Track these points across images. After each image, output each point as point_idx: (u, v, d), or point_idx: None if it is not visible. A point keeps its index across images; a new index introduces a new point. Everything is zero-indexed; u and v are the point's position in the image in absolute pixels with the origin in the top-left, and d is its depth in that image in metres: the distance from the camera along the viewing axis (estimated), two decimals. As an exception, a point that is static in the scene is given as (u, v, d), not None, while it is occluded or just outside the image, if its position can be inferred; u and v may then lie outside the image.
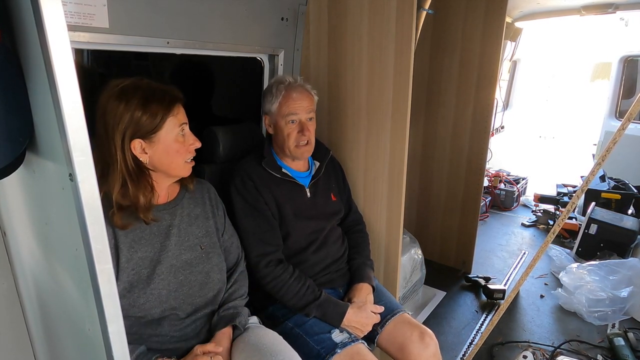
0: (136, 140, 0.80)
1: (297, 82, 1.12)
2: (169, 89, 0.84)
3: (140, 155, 0.81)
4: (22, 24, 0.56)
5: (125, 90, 0.79)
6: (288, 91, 1.10)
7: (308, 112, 1.11)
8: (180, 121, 0.83)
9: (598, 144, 3.46)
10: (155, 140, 0.81)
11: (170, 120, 0.81)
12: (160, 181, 0.87)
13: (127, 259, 0.80)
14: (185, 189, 0.94)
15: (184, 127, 0.85)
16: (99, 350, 0.63)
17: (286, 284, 1.04)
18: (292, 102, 1.09)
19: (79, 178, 0.54)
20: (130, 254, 0.81)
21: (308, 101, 1.11)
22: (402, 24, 1.15)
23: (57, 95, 0.51)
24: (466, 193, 2.22)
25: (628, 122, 1.08)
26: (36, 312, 0.93)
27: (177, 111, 0.83)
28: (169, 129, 0.82)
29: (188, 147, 0.86)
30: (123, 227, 0.80)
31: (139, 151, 0.81)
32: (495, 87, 2.05)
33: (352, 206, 1.32)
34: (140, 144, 0.80)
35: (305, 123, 1.10)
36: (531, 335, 1.79)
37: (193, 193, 0.95)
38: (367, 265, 1.21)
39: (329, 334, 1.00)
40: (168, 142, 0.82)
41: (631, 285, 1.90)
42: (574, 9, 2.46)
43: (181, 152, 0.85)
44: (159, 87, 0.82)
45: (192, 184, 0.94)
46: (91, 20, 0.88)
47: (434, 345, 1.07)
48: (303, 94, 1.11)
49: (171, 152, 0.83)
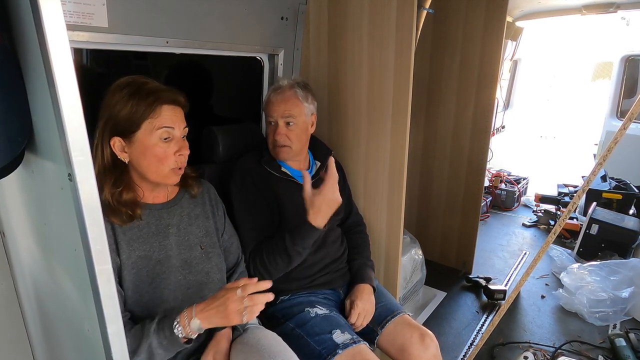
0: (116, 137, 0.77)
1: (286, 85, 1.12)
2: (163, 89, 0.79)
3: (119, 154, 0.78)
4: (21, 23, 0.56)
5: (118, 86, 0.78)
6: (271, 93, 1.14)
7: (284, 117, 1.10)
8: (162, 124, 0.77)
9: (599, 143, 3.46)
10: (134, 141, 0.77)
11: (149, 122, 0.77)
12: (142, 181, 0.84)
13: (127, 256, 0.80)
14: (185, 189, 0.93)
15: (169, 131, 0.79)
16: (98, 351, 0.63)
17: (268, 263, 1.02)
18: (270, 105, 1.12)
19: (78, 178, 0.54)
20: (130, 252, 0.80)
21: (288, 105, 1.10)
22: (403, 23, 1.15)
23: (56, 95, 0.51)
24: (467, 193, 2.22)
25: (629, 122, 1.08)
26: (35, 312, 0.93)
27: (160, 114, 0.77)
28: (147, 131, 0.77)
29: (172, 154, 0.80)
30: (122, 223, 0.79)
31: (119, 149, 0.78)
32: (496, 86, 2.05)
33: (352, 208, 1.32)
34: (120, 142, 0.78)
35: (281, 127, 1.10)
36: (532, 336, 1.78)
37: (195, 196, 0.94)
38: (367, 265, 1.21)
39: (330, 335, 0.99)
40: (147, 145, 0.77)
41: (632, 285, 1.90)
42: (575, 8, 2.45)
43: (162, 159, 0.79)
44: (151, 87, 0.78)
45: (195, 188, 0.92)
46: (90, 20, 0.88)
47: (434, 346, 1.07)
48: (284, 97, 1.10)
49: (149, 156, 0.78)
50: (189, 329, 0.73)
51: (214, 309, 0.73)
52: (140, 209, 0.82)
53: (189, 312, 0.73)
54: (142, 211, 0.83)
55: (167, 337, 0.73)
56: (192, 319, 0.73)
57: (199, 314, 0.73)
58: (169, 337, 0.73)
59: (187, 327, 0.73)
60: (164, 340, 0.73)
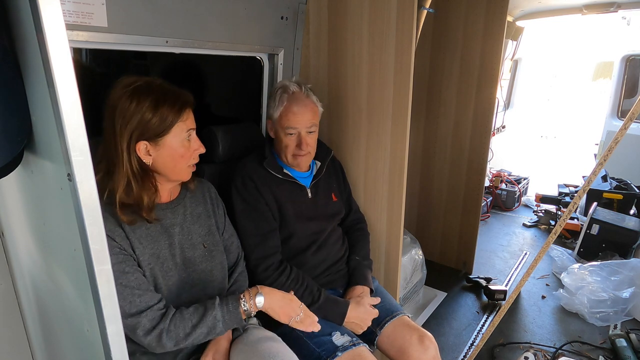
0: (141, 142, 0.79)
1: (302, 92, 1.08)
2: (181, 93, 0.83)
3: (144, 157, 0.81)
4: (20, 23, 0.56)
5: (138, 90, 0.78)
6: (290, 103, 1.07)
7: (308, 127, 1.08)
8: (188, 126, 0.83)
9: (600, 143, 3.45)
10: (161, 144, 0.81)
11: (179, 125, 0.81)
12: (162, 182, 0.87)
13: (141, 252, 0.81)
14: (186, 188, 0.94)
15: (191, 132, 0.85)
16: (98, 351, 0.63)
17: (283, 287, 1.03)
18: (293, 116, 1.06)
19: (78, 178, 0.54)
20: (142, 249, 0.82)
21: (310, 114, 1.08)
22: (403, 22, 1.14)
23: (56, 94, 0.51)
24: (467, 193, 2.21)
25: (630, 122, 1.08)
26: (34, 313, 0.93)
27: (187, 116, 0.83)
28: (176, 133, 0.81)
29: (192, 153, 0.86)
30: (130, 223, 0.80)
31: (143, 153, 0.80)
32: (496, 86, 2.04)
33: (352, 206, 1.32)
34: (146, 146, 0.80)
35: (305, 137, 1.08)
36: (532, 337, 1.78)
37: (194, 192, 0.95)
38: (363, 265, 1.21)
39: (330, 337, 0.99)
40: (174, 147, 0.82)
41: (633, 286, 1.89)
42: (576, 7, 2.45)
43: (185, 157, 0.84)
44: (172, 90, 0.82)
45: (192, 183, 0.94)
46: (90, 19, 0.88)
47: (433, 348, 1.06)
48: (306, 107, 1.07)
49: (175, 156, 0.83)
50: (252, 302, 0.84)
51: (281, 295, 0.88)
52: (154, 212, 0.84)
53: (255, 289, 0.87)
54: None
55: (230, 310, 0.83)
56: (257, 293, 0.85)
57: (265, 294, 0.86)
58: (232, 310, 0.83)
59: (250, 300, 0.84)
60: (226, 313, 0.82)
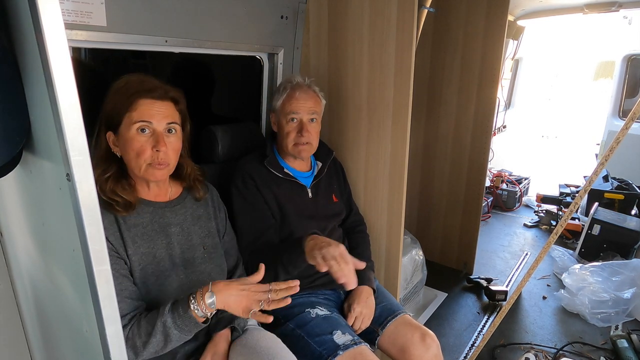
0: (110, 132, 0.81)
1: (304, 82, 1.12)
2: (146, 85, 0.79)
3: (113, 148, 0.82)
4: (19, 22, 0.56)
5: (117, 82, 0.81)
6: (293, 90, 1.11)
7: (310, 113, 1.10)
8: (139, 117, 0.78)
9: (601, 143, 3.44)
10: (119, 135, 0.80)
11: (128, 115, 0.78)
12: (135, 179, 0.85)
13: (133, 251, 0.80)
14: (188, 190, 0.93)
15: (144, 125, 0.78)
16: (97, 352, 0.62)
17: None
18: (295, 101, 1.09)
19: (76, 178, 0.54)
20: (135, 249, 0.81)
21: (312, 102, 1.11)
22: (403, 22, 1.14)
23: (54, 94, 0.51)
24: (468, 193, 2.21)
25: (632, 122, 1.07)
26: (33, 313, 0.93)
27: (136, 107, 0.78)
28: (126, 124, 0.79)
29: (149, 149, 0.79)
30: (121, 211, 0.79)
31: (112, 142, 0.82)
32: (497, 86, 2.04)
33: (352, 207, 1.31)
34: (112, 136, 0.82)
35: (306, 124, 1.10)
36: (533, 337, 1.77)
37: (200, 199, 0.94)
38: (367, 267, 1.20)
39: (331, 336, 0.99)
40: (127, 139, 0.79)
41: (634, 286, 1.89)
42: (577, 7, 2.44)
43: (140, 153, 0.79)
44: (136, 81, 0.81)
45: (200, 192, 0.93)
46: (89, 19, 0.88)
47: (435, 346, 1.06)
48: (308, 94, 1.11)
49: (129, 149, 0.80)
50: (203, 304, 0.73)
51: (235, 290, 0.75)
52: (137, 201, 0.83)
53: (206, 287, 0.75)
54: (144, 207, 0.84)
55: (181, 315, 0.73)
56: (207, 292, 0.74)
57: (217, 291, 0.74)
58: (183, 315, 0.73)
59: (201, 302, 0.73)
60: (177, 319, 0.73)
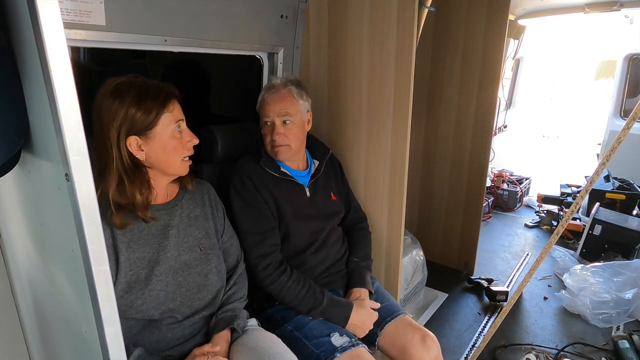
0: (132, 137, 0.79)
1: (280, 83, 1.11)
2: (164, 85, 0.83)
3: (136, 153, 0.81)
4: (17, 21, 0.55)
5: (120, 87, 0.78)
6: (265, 93, 1.12)
7: (281, 115, 1.09)
8: (176, 117, 0.83)
9: (602, 143, 3.44)
10: (151, 137, 0.81)
11: (166, 116, 0.81)
12: (157, 179, 0.86)
13: (126, 258, 0.79)
14: (184, 189, 0.93)
15: (180, 123, 0.84)
16: (96, 352, 0.62)
17: (285, 286, 1.03)
18: (265, 104, 1.10)
19: (75, 178, 0.54)
20: (129, 254, 0.80)
21: (284, 103, 1.09)
22: (404, 21, 1.14)
23: (53, 94, 0.51)
24: (468, 193, 2.20)
25: (633, 121, 1.06)
26: (32, 314, 0.93)
27: (173, 107, 0.82)
28: (165, 125, 0.81)
29: (185, 144, 0.85)
30: (121, 227, 0.79)
31: (135, 148, 0.80)
32: (498, 85, 2.03)
33: (352, 205, 1.30)
34: (137, 141, 0.80)
35: (278, 126, 1.09)
36: (534, 338, 1.77)
37: (192, 194, 0.94)
38: (361, 267, 1.20)
39: (329, 338, 0.98)
40: (164, 139, 0.82)
41: (636, 287, 1.88)
42: (578, 6, 2.43)
43: (178, 149, 0.84)
44: (154, 84, 0.82)
45: (190, 184, 0.93)
46: (88, 18, 0.87)
47: (435, 348, 1.06)
48: (279, 95, 1.09)
49: (168, 148, 0.82)
50: None
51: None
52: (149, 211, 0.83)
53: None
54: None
55: None
56: None
57: None
58: None
59: None
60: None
